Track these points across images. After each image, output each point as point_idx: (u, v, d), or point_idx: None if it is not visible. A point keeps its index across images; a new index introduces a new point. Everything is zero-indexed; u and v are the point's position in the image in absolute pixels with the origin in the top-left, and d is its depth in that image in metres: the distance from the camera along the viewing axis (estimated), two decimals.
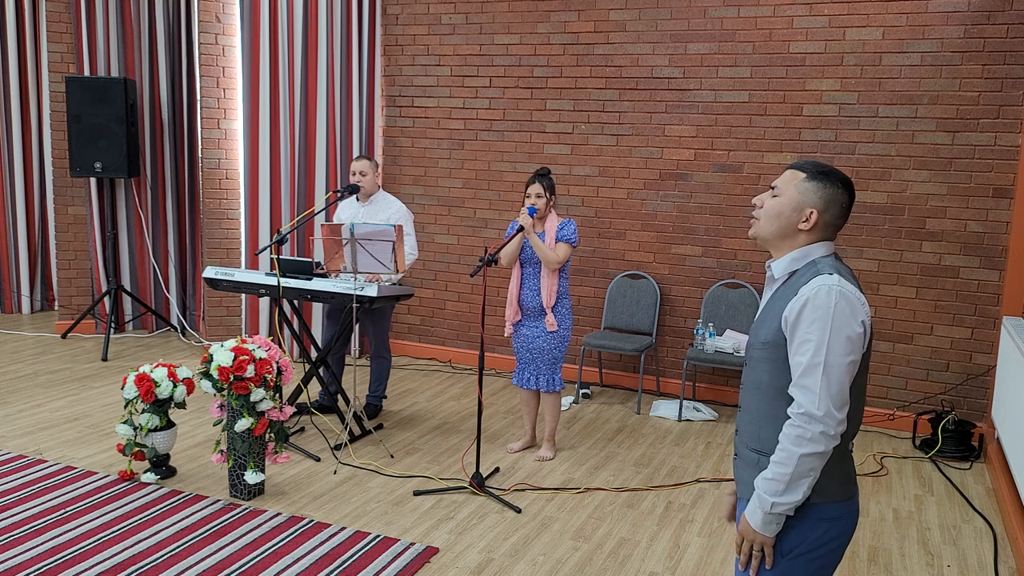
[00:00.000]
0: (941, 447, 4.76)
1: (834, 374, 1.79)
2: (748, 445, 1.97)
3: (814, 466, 1.82)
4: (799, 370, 1.82)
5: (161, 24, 6.76)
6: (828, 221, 1.91)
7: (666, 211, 5.71)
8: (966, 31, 4.86)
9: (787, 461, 1.82)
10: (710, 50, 5.47)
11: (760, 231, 1.97)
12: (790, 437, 1.82)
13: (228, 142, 6.33)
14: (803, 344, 1.81)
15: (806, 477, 1.82)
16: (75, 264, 6.86)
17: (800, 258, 1.92)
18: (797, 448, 1.81)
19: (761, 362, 1.92)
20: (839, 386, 1.79)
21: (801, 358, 1.82)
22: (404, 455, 4.56)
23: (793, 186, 1.92)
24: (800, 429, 1.81)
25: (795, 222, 1.92)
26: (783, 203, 1.93)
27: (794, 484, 1.82)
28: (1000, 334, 4.73)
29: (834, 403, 1.79)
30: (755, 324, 1.98)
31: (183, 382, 4.11)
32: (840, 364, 1.79)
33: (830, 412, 1.79)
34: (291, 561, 3.35)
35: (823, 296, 1.80)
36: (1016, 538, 3.63)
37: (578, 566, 3.42)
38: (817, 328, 1.80)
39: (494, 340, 6.33)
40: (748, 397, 1.98)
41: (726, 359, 5.13)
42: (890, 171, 5.11)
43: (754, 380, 1.96)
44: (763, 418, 1.93)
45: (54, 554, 3.33)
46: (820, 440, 1.79)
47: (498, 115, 6.15)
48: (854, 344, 1.81)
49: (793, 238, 1.93)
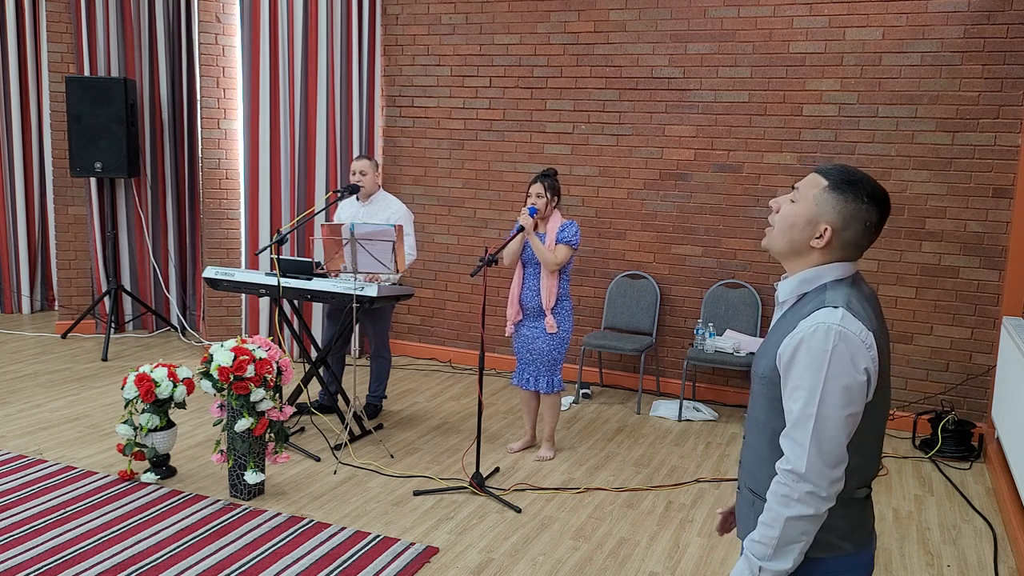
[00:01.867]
0: (941, 447, 4.76)
1: (826, 429, 1.57)
2: (746, 483, 1.80)
3: (805, 530, 1.61)
4: (790, 419, 1.61)
5: (161, 24, 6.76)
6: (848, 240, 1.66)
7: (666, 211, 5.71)
8: (966, 31, 4.86)
9: (774, 523, 1.62)
10: (710, 50, 5.47)
11: (771, 243, 1.74)
12: (776, 496, 1.62)
13: (228, 142, 6.33)
14: (795, 391, 1.60)
15: (796, 543, 1.61)
16: (75, 264, 6.86)
17: (811, 280, 1.68)
18: (783, 509, 1.60)
19: (760, 397, 1.73)
20: (832, 442, 1.57)
21: (793, 406, 1.61)
22: (404, 455, 4.56)
23: (812, 194, 1.68)
24: (786, 488, 1.60)
25: (807, 238, 1.67)
26: (797, 214, 1.68)
27: (783, 550, 1.62)
28: (1000, 334, 4.73)
29: (825, 460, 1.57)
30: (759, 351, 1.78)
31: (183, 382, 4.11)
32: (834, 417, 1.57)
33: (819, 471, 1.57)
34: (291, 561, 3.35)
35: (820, 337, 1.57)
36: (1016, 538, 3.63)
37: (578, 566, 3.42)
38: (810, 375, 1.57)
39: (494, 340, 6.33)
40: (750, 433, 1.80)
41: (726, 359, 5.13)
42: (890, 171, 5.11)
43: (755, 416, 1.77)
44: (761, 460, 1.74)
45: (54, 554, 3.34)
46: (808, 501, 1.58)
47: (498, 115, 6.15)
48: (853, 395, 1.57)
49: (805, 256, 1.69)
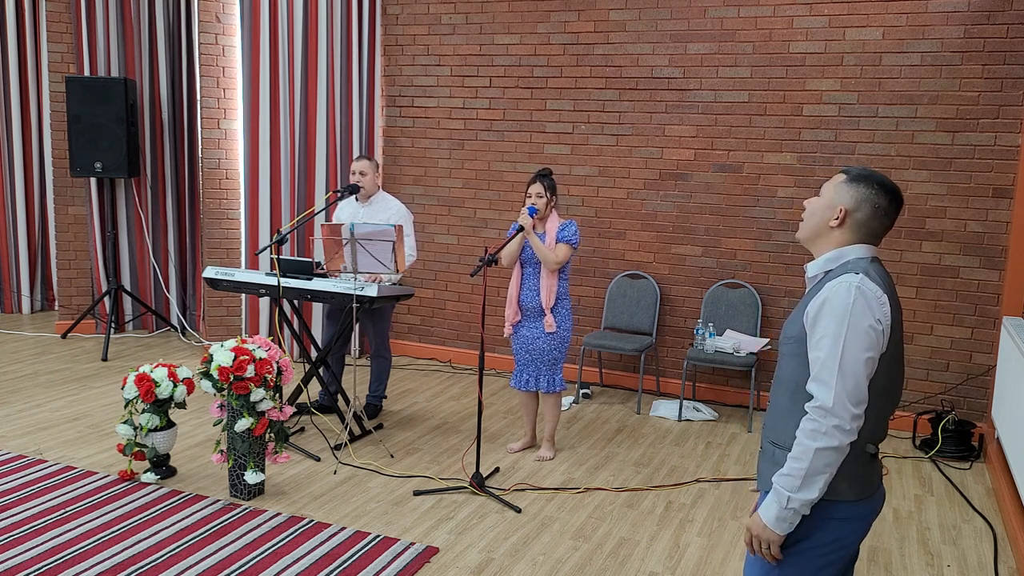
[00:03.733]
0: (941, 447, 4.76)
1: (849, 369, 1.80)
2: (768, 438, 2.01)
3: (830, 461, 1.82)
4: (816, 365, 1.85)
5: (161, 24, 6.76)
6: (860, 220, 1.94)
7: (666, 211, 5.71)
8: (966, 31, 4.86)
9: (802, 456, 1.83)
10: (710, 50, 5.47)
11: (801, 232, 2.04)
12: (805, 431, 1.84)
13: (228, 142, 6.33)
14: (821, 339, 1.84)
15: (822, 473, 1.83)
16: (75, 264, 6.86)
17: (835, 258, 1.95)
18: (812, 442, 1.82)
19: (787, 357, 1.97)
20: (854, 380, 1.81)
21: (819, 353, 1.84)
22: (404, 455, 4.56)
23: (833, 186, 1.98)
24: (814, 423, 1.82)
25: (827, 219, 1.97)
26: (820, 202, 1.99)
27: (810, 480, 1.83)
28: (1000, 334, 4.73)
29: (849, 398, 1.80)
30: (789, 319, 2.02)
31: (183, 382, 4.11)
32: (856, 359, 1.81)
33: (844, 406, 1.80)
34: (291, 561, 3.35)
35: (842, 292, 1.83)
36: (1016, 538, 3.63)
37: (578, 566, 3.42)
38: (834, 324, 1.82)
39: (494, 340, 6.33)
40: (775, 392, 2.02)
41: (726, 359, 5.13)
42: (890, 171, 5.11)
43: (780, 375, 2.00)
44: (783, 412, 1.96)
45: (54, 554, 3.34)
46: (834, 434, 1.80)
47: (498, 115, 6.15)
48: (871, 340, 1.82)
49: (827, 236, 1.98)
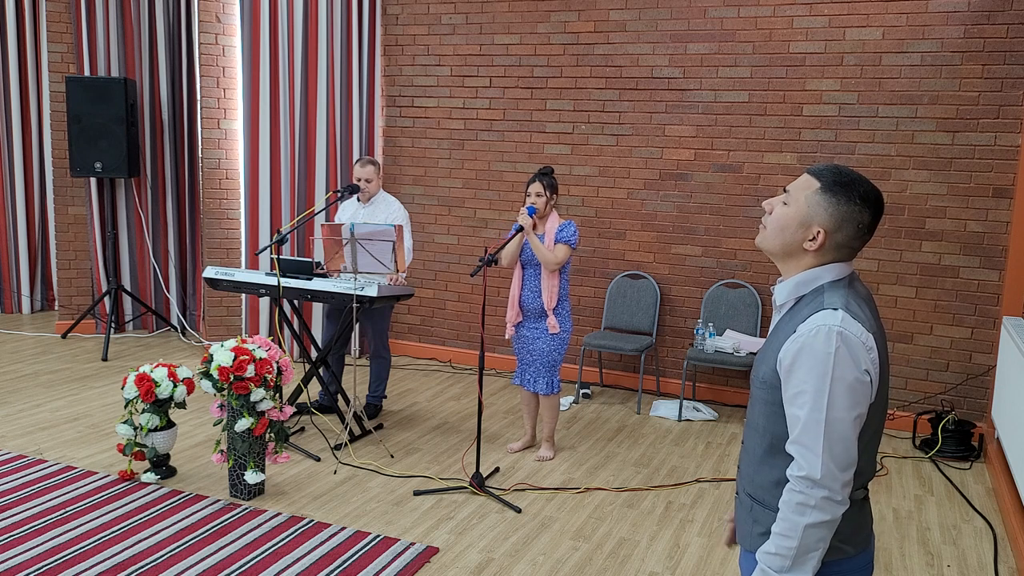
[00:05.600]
0: (941, 447, 4.76)
1: (836, 432, 1.56)
2: (744, 489, 1.80)
3: (822, 536, 1.60)
4: (797, 425, 1.60)
5: (161, 24, 6.76)
6: (840, 242, 1.66)
7: (666, 211, 5.71)
8: (966, 31, 4.86)
9: (791, 533, 1.60)
10: (710, 50, 5.47)
11: (764, 243, 1.75)
12: (791, 505, 1.60)
13: (228, 142, 6.33)
14: (799, 396, 1.59)
15: (814, 551, 1.60)
16: (75, 264, 6.86)
17: (807, 282, 1.69)
18: (800, 517, 1.59)
19: (759, 402, 1.73)
20: (843, 444, 1.57)
21: (798, 411, 1.59)
22: (404, 455, 4.56)
23: (804, 196, 1.68)
24: (802, 495, 1.59)
25: (800, 240, 1.68)
26: (790, 216, 1.69)
27: (801, 560, 1.60)
28: (1000, 334, 4.73)
29: (838, 464, 1.57)
30: (758, 356, 1.78)
31: (183, 382, 4.11)
32: (843, 420, 1.56)
33: (833, 475, 1.57)
34: (291, 561, 3.35)
35: (821, 340, 1.57)
36: (1016, 538, 3.63)
37: (578, 566, 3.42)
38: (813, 378, 1.57)
39: (494, 340, 6.33)
40: (748, 436, 1.80)
41: (726, 359, 5.13)
42: (890, 171, 5.11)
43: (753, 420, 1.76)
44: (759, 463, 1.74)
45: (54, 554, 3.34)
46: (825, 507, 1.58)
47: (498, 115, 6.15)
48: (858, 396, 1.58)
49: (799, 258, 1.70)
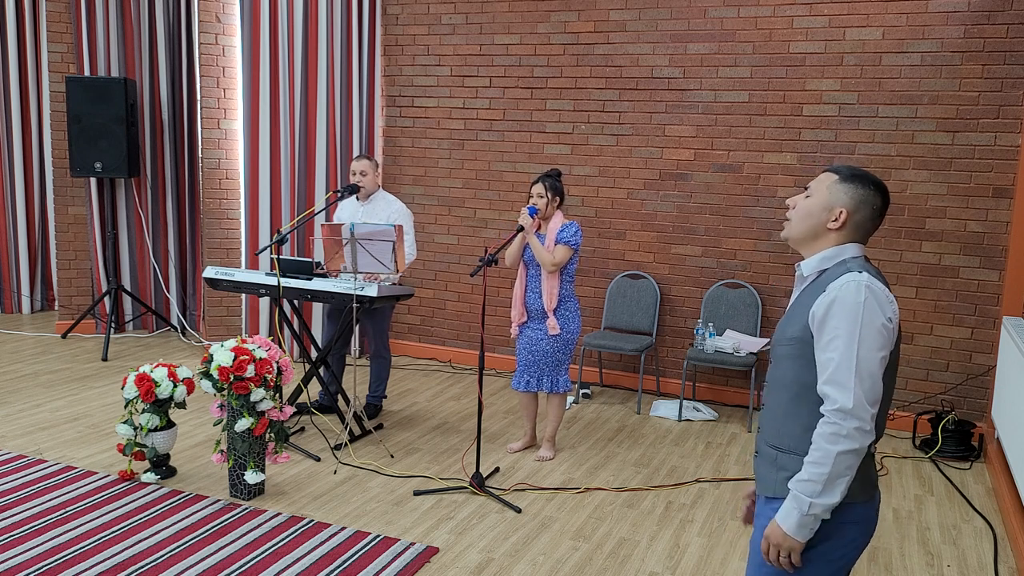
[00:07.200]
0: (941, 447, 4.76)
1: (865, 368, 1.78)
2: (768, 441, 1.98)
3: (851, 464, 1.80)
4: (830, 367, 1.81)
5: (161, 24, 6.76)
6: (859, 222, 1.93)
7: (666, 211, 5.71)
8: (966, 31, 4.86)
9: (823, 460, 1.80)
10: (710, 50, 5.47)
11: (791, 232, 2.00)
12: (825, 436, 1.80)
13: (228, 142, 6.33)
14: (833, 340, 1.81)
15: (843, 476, 1.80)
16: (75, 264, 6.86)
17: (831, 257, 1.93)
18: (833, 446, 1.78)
19: (786, 359, 1.93)
20: (871, 380, 1.79)
21: (832, 354, 1.81)
22: (404, 455, 4.56)
23: (825, 187, 1.95)
24: (835, 426, 1.78)
25: (825, 221, 1.93)
26: (814, 203, 1.95)
27: (831, 484, 1.80)
28: (1000, 334, 4.73)
29: (867, 398, 1.78)
30: (781, 322, 1.99)
31: (183, 382, 4.11)
32: (871, 358, 1.78)
33: (864, 407, 1.77)
34: (291, 561, 3.35)
35: (852, 291, 1.80)
36: (1016, 538, 3.63)
37: (578, 566, 3.42)
38: (846, 323, 1.79)
39: (494, 340, 6.33)
40: (771, 394, 1.98)
41: (726, 359, 5.13)
42: (890, 171, 5.11)
43: (778, 377, 1.96)
44: (784, 415, 1.93)
45: (54, 554, 3.34)
46: (855, 436, 1.78)
47: (498, 115, 6.15)
48: (883, 338, 1.80)
49: (823, 238, 1.95)
